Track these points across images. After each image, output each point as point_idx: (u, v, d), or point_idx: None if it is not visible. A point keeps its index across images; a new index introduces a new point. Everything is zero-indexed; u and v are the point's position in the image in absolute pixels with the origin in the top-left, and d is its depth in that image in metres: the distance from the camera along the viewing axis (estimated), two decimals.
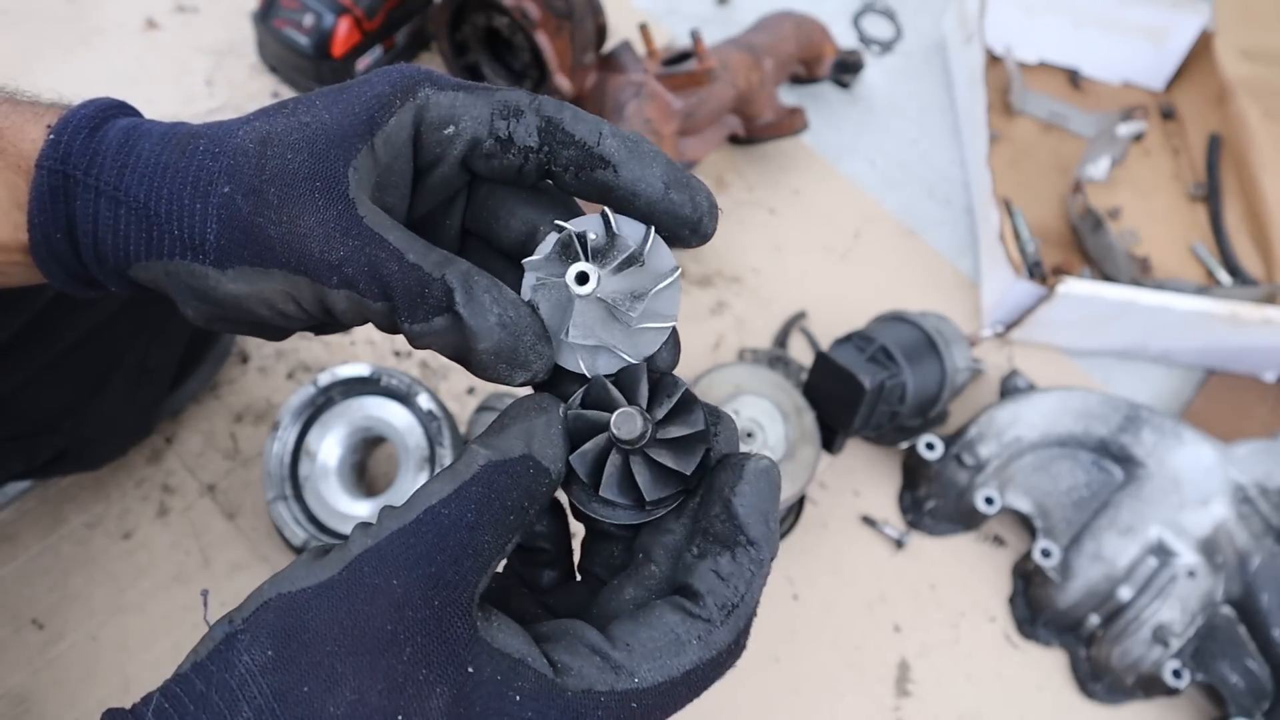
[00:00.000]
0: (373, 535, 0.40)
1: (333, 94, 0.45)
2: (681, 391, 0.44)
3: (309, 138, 0.43)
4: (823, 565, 1.08)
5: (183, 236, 0.43)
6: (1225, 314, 1.16)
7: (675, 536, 0.44)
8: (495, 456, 0.41)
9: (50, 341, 0.79)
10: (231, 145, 0.44)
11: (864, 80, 1.48)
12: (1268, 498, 1.06)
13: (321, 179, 0.42)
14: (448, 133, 0.45)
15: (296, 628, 0.38)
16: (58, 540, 0.96)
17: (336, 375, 0.95)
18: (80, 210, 0.44)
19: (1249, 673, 1.03)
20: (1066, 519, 1.07)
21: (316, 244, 0.42)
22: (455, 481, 0.41)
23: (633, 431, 0.42)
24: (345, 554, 0.40)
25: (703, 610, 0.41)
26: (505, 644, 0.39)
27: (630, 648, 0.40)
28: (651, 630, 0.40)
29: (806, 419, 1.03)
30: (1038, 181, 1.42)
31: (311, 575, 0.40)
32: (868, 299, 1.25)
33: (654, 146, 0.45)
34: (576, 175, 0.44)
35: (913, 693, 1.02)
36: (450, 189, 0.48)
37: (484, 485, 0.40)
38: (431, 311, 0.42)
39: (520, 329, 0.42)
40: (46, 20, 1.30)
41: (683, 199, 0.44)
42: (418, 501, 0.40)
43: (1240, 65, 1.48)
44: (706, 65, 1.16)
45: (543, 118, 0.44)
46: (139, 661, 0.91)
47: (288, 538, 0.91)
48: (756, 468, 0.43)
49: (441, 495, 0.40)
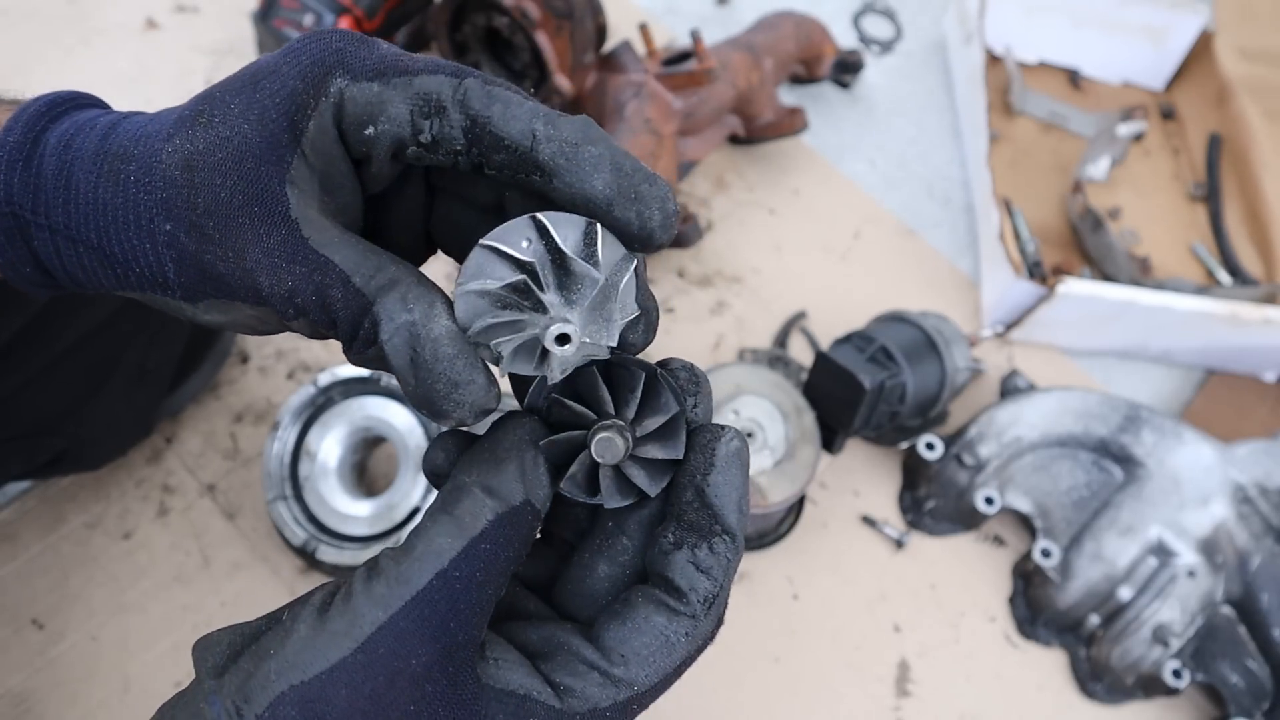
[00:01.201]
0: (382, 604, 0.37)
1: (245, 92, 0.41)
2: (642, 380, 0.42)
3: (234, 158, 0.40)
4: (823, 565, 1.08)
5: (145, 275, 0.42)
6: (1225, 314, 1.16)
7: (649, 511, 0.44)
8: (501, 508, 0.39)
9: (50, 342, 0.79)
10: (159, 173, 0.41)
11: (864, 80, 1.48)
12: (1268, 498, 1.06)
13: (260, 203, 0.40)
14: (368, 134, 0.41)
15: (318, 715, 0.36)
16: (58, 540, 0.96)
17: (336, 375, 0.95)
18: (41, 249, 0.43)
19: (1249, 673, 1.03)
20: (1066, 519, 1.07)
21: (265, 277, 0.40)
22: (463, 537, 0.38)
23: (616, 455, 0.40)
24: (354, 621, 0.37)
25: (687, 607, 0.41)
26: (509, 681, 0.39)
27: (626, 659, 0.40)
28: (643, 636, 0.41)
29: (806, 419, 1.03)
30: (1038, 181, 1.42)
31: (320, 655, 0.37)
32: (868, 299, 1.25)
33: (601, 142, 0.40)
34: (510, 179, 0.41)
35: (913, 693, 1.02)
36: (393, 176, 0.45)
37: (492, 542, 0.39)
38: (364, 345, 0.40)
39: (434, 374, 0.39)
40: (46, 20, 1.30)
41: (628, 215, 0.40)
42: (426, 560, 0.38)
43: (1240, 65, 1.48)
44: (706, 65, 1.16)
45: (468, 116, 0.40)
46: (139, 661, 0.91)
47: (288, 538, 0.91)
48: (726, 451, 0.42)
49: (451, 554, 0.38)
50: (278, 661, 0.37)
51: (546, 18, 1.11)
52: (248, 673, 0.37)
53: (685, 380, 0.44)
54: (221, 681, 0.37)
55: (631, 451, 0.42)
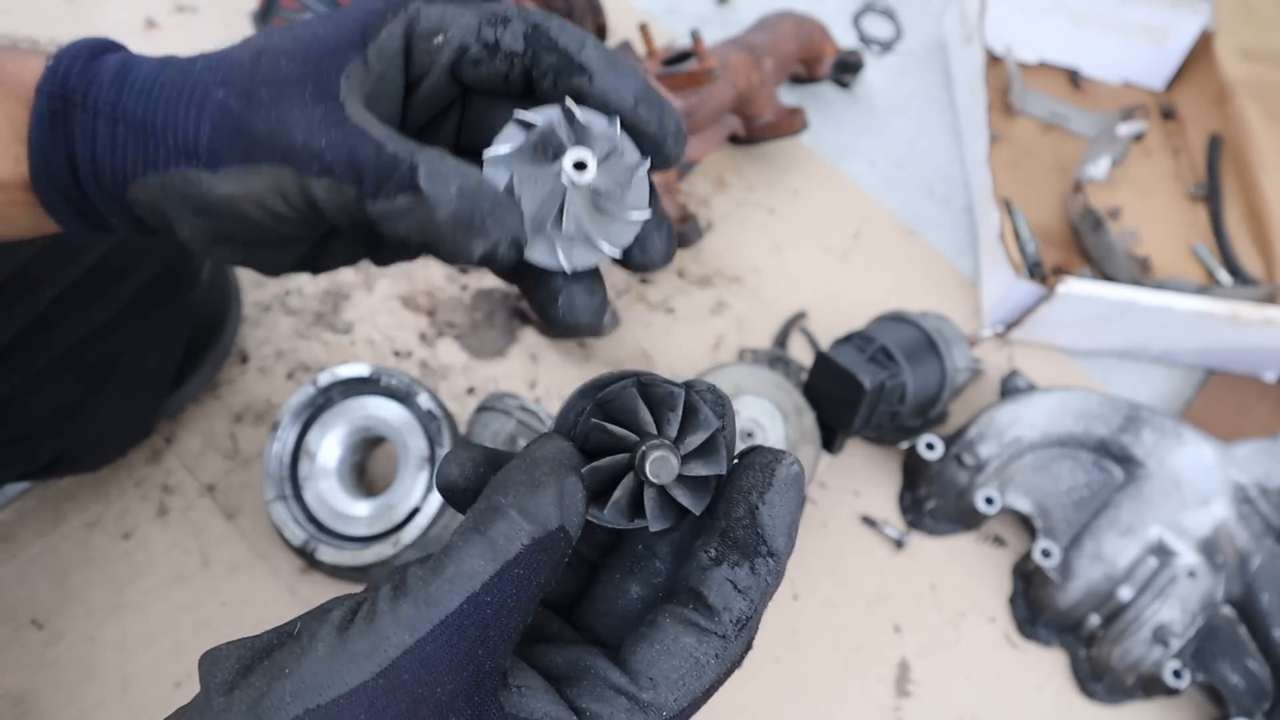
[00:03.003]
0: (409, 627, 0.35)
1: (329, 13, 0.47)
2: (713, 431, 0.41)
3: (303, 48, 0.45)
4: (823, 565, 1.08)
5: (177, 145, 0.45)
6: (1225, 314, 1.16)
7: (680, 533, 0.43)
8: (537, 533, 0.37)
9: (50, 344, 0.79)
10: (229, 58, 0.46)
11: (864, 80, 1.48)
12: (1268, 498, 1.06)
13: (313, 82, 0.44)
14: (436, 41, 0.47)
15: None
16: (57, 540, 0.96)
17: (336, 375, 0.95)
18: (79, 133, 0.46)
19: (1249, 673, 1.03)
20: (1066, 519, 1.07)
21: (301, 133, 0.43)
22: (497, 561, 0.37)
23: (671, 473, 0.39)
24: (377, 643, 0.35)
25: (718, 626, 0.40)
26: (534, 710, 0.37)
27: (655, 682, 0.39)
28: (672, 659, 0.39)
29: (806, 419, 1.03)
30: (1038, 181, 1.42)
31: (340, 677, 0.35)
32: (868, 299, 1.25)
33: (634, 67, 0.47)
34: (554, 82, 0.46)
35: (913, 693, 1.02)
36: (441, 101, 0.49)
37: (526, 567, 0.37)
38: (395, 189, 0.43)
39: (479, 196, 0.43)
40: (47, 20, 1.30)
41: (651, 116, 0.46)
42: (457, 582, 0.36)
43: (1240, 65, 1.48)
44: (706, 65, 1.15)
45: (529, 24, 0.47)
46: (138, 662, 0.91)
47: (287, 538, 0.91)
48: (787, 475, 0.41)
49: (484, 578, 0.36)
50: (293, 682, 0.35)
51: None
52: (260, 691, 0.35)
53: (713, 401, 0.44)
54: (231, 699, 0.35)
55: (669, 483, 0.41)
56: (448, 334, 1.14)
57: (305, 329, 1.11)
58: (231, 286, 1.05)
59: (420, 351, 1.12)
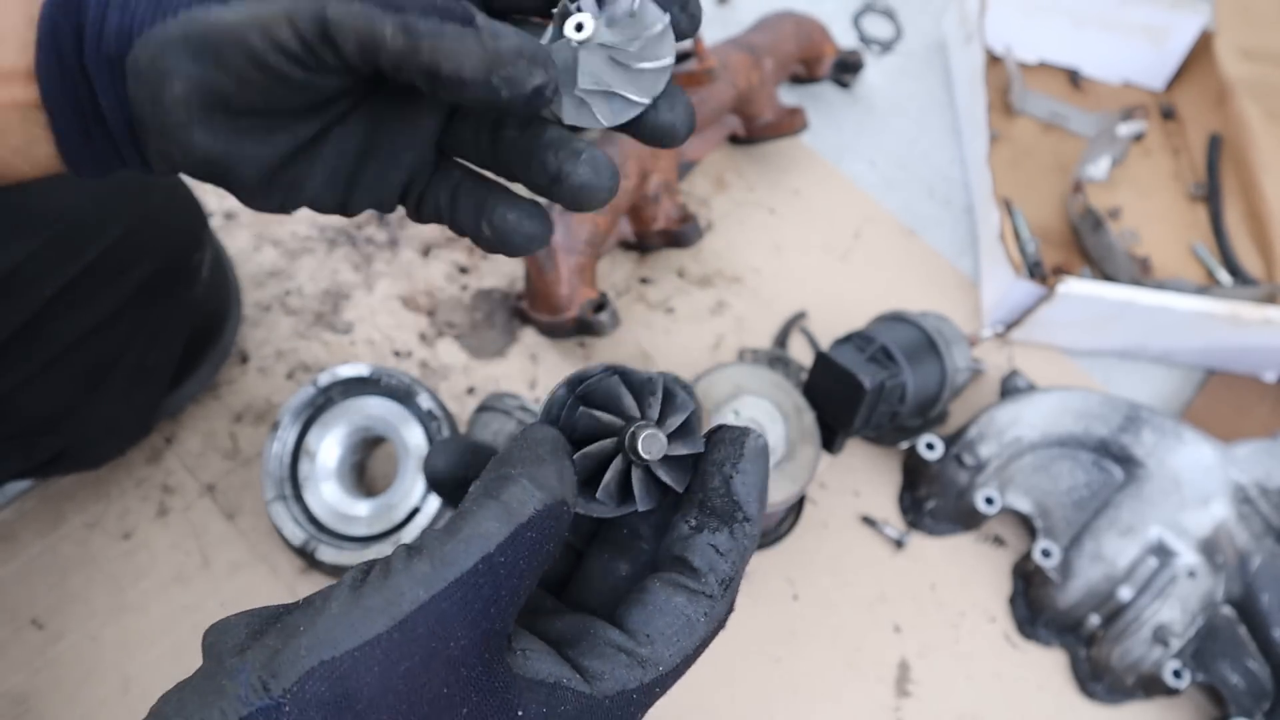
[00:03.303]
0: (424, 583, 0.36)
1: None
2: (689, 413, 0.45)
3: None
4: (823, 565, 1.08)
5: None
6: (1225, 314, 1.16)
7: (661, 513, 0.46)
8: (547, 499, 0.39)
9: (49, 340, 0.79)
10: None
11: (864, 80, 1.48)
12: (1268, 498, 1.06)
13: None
14: None
15: (348, 698, 0.35)
16: (57, 540, 0.96)
17: (336, 375, 0.95)
18: (92, 10, 0.44)
19: (1249, 673, 1.03)
20: (1066, 519, 1.07)
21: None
22: (511, 523, 0.38)
23: (660, 450, 0.43)
24: (392, 598, 0.36)
25: (705, 587, 0.43)
26: (539, 671, 0.39)
27: (651, 639, 0.41)
28: (665, 617, 0.42)
29: (806, 419, 1.03)
30: (1038, 181, 1.42)
31: (354, 630, 0.35)
32: (868, 299, 1.25)
33: None
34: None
35: (913, 693, 1.02)
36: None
37: (537, 530, 0.39)
38: (448, 18, 0.42)
39: (533, 41, 0.43)
40: None
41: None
42: (473, 543, 0.37)
43: (1240, 65, 1.48)
44: (706, 65, 1.15)
45: None
46: (139, 661, 0.91)
47: (287, 538, 0.91)
48: (755, 446, 0.45)
49: (499, 539, 0.38)
50: (309, 637, 0.35)
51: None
52: (274, 649, 0.35)
53: (684, 386, 0.47)
54: (244, 657, 0.36)
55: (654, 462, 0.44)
56: (448, 334, 1.14)
57: (305, 329, 1.11)
58: (232, 286, 1.05)
59: (420, 351, 1.12)
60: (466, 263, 1.19)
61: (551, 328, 1.10)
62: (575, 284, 1.08)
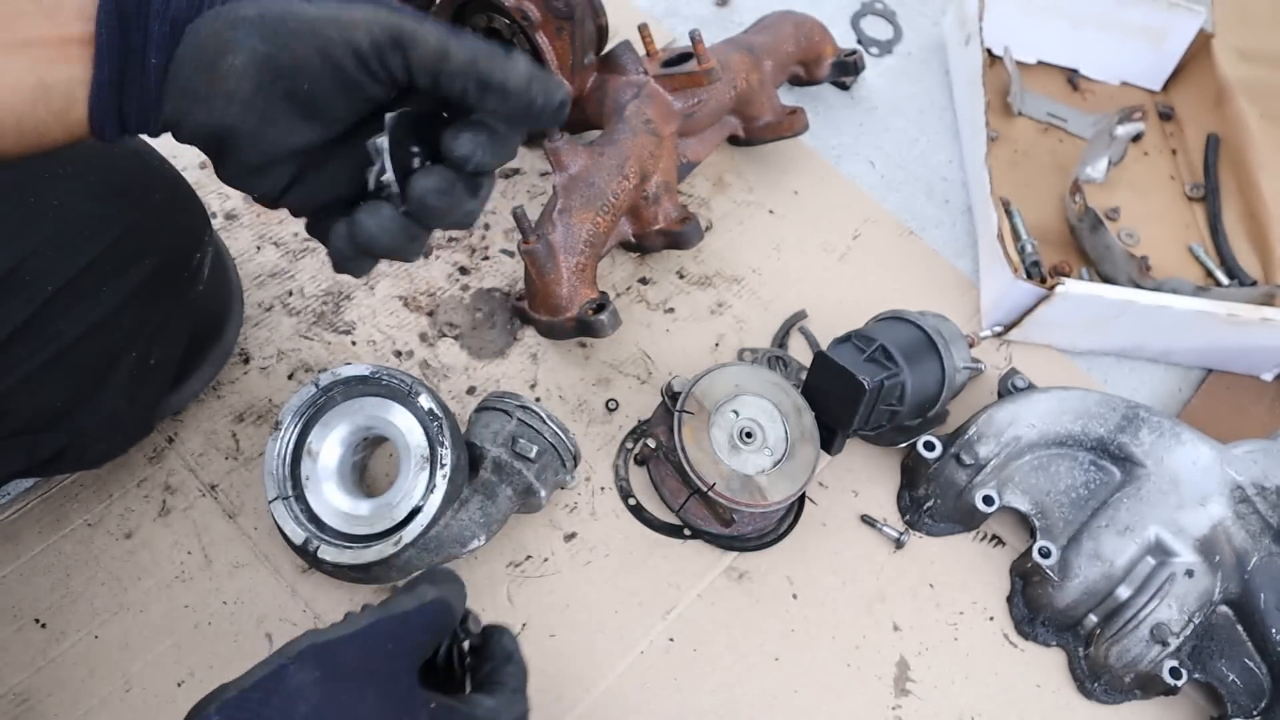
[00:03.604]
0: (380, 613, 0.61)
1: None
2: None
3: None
4: (822, 565, 1.08)
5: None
6: (1223, 314, 1.17)
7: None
8: (436, 594, 0.63)
9: (51, 338, 0.79)
10: None
11: (864, 81, 1.49)
12: (1265, 497, 1.07)
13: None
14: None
15: (332, 660, 0.55)
16: (59, 539, 0.96)
17: (337, 375, 0.95)
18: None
19: (1247, 672, 1.04)
20: (1065, 518, 1.08)
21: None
22: (417, 601, 0.62)
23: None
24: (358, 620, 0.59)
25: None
26: (444, 700, 0.61)
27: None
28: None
29: (806, 419, 1.03)
30: (1036, 182, 1.43)
31: (336, 630, 0.57)
32: (867, 299, 1.25)
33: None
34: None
35: (912, 691, 1.03)
36: None
37: (431, 613, 0.63)
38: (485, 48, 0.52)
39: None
40: None
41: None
42: (397, 604, 0.62)
43: (1238, 66, 1.48)
44: (706, 66, 1.16)
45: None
46: (141, 661, 0.92)
47: (289, 537, 0.91)
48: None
49: (410, 607, 0.62)
50: (309, 635, 0.56)
51: (547, 19, 1.12)
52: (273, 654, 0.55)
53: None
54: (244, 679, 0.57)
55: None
56: (448, 334, 1.15)
57: (307, 329, 1.12)
58: (233, 286, 1.05)
59: (421, 351, 1.13)
60: (467, 263, 1.20)
61: (551, 328, 1.10)
62: (575, 284, 1.08)
